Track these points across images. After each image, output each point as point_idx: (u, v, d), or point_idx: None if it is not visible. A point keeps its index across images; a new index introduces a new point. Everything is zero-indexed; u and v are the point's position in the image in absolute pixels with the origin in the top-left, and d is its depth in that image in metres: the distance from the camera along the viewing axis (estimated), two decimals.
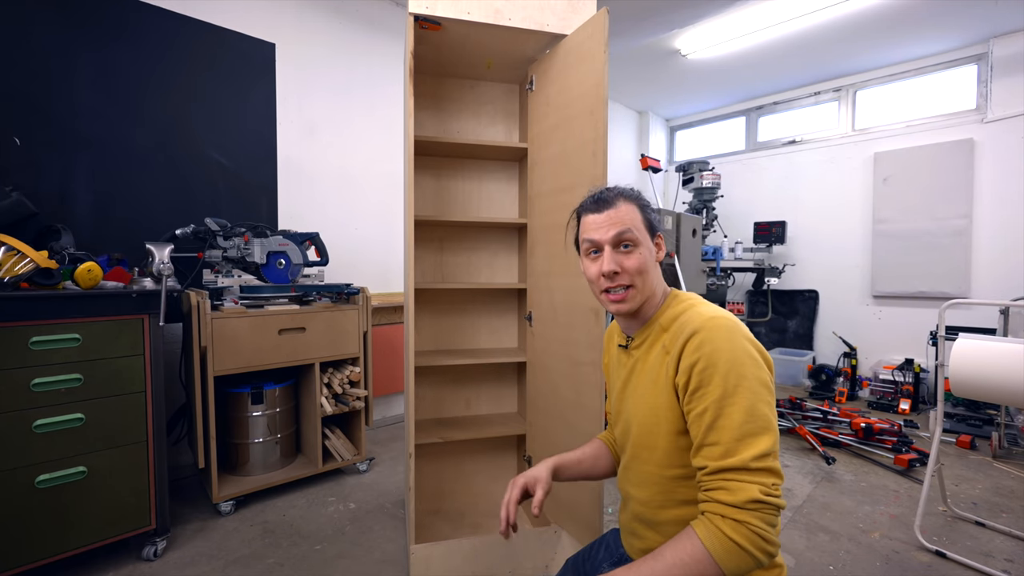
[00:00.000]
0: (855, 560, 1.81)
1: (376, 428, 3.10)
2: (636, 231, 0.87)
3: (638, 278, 0.86)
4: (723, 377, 0.73)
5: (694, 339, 0.77)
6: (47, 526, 1.51)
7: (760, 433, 0.71)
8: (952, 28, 3.49)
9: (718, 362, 0.74)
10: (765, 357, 0.78)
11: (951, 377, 1.81)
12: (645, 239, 0.88)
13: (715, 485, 0.71)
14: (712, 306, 0.84)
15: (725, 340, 0.75)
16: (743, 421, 0.71)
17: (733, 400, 0.72)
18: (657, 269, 0.91)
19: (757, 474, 0.70)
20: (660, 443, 0.83)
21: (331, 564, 1.73)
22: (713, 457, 0.72)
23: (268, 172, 2.72)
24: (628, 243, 0.86)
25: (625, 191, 0.91)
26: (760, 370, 0.75)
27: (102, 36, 2.17)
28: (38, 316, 1.48)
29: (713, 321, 0.78)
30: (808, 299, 4.57)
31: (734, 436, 0.71)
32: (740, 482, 0.69)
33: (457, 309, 2.06)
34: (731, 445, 0.71)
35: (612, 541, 1.04)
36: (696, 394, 0.75)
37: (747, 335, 0.78)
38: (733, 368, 0.73)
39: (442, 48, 1.73)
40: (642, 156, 4.11)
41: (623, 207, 0.88)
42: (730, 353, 0.74)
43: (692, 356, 0.76)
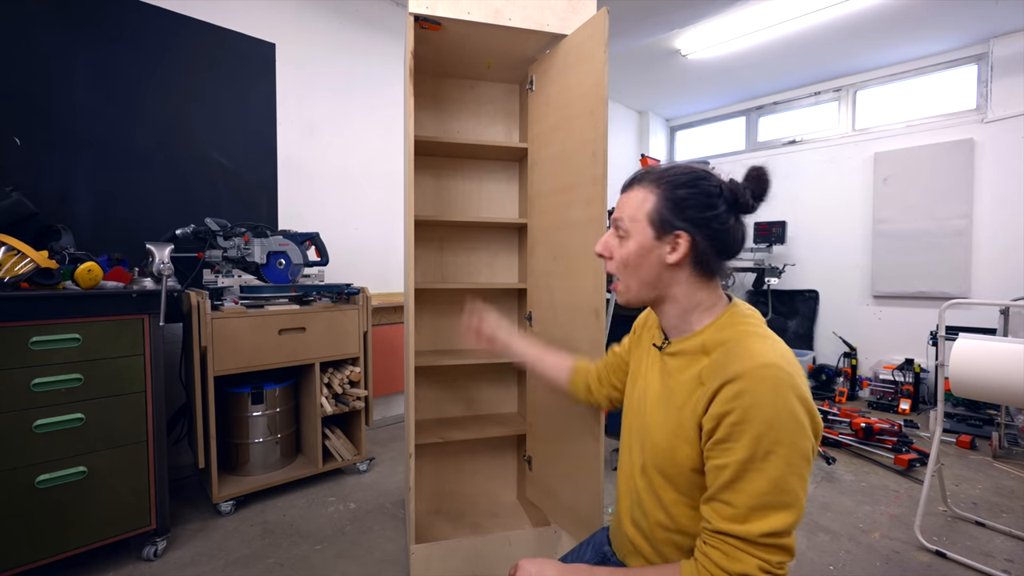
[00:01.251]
0: (855, 560, 1.81)
1: (376, 428, 3.10)
2: (629, 221, 0.79)
3: (622, 271, 0.81)
4: (755, 439, 0.64)
5: (733, 385, 0.66)
6: (47, 526, 1.51)
7: (781, 508, 0.63)
8: (952, 28, 3.49)
9: (754, 419, 0.64)
10: (815, 421, 0.67)
11: (951, 377, 1.81)
12: (640, 232, 0.78)
13: (715, 543, 0.67)
14: (769, 341, 0.71)
15: (769, 396, 0.64)
16: (765, 492, 0.64)
17: (761, 467, 0.64)
18: (668, 273, 0.78)
19: (763, 549, 0.64)
20: (671, 470, 0.77)
21: (331, 564, 1.73)
22: (721, 516, 0.67)
23: (268, 172, 2.72)
24: (621, 231, 0.81)
25: (659, 173, 0.80)
26: (803, 438, 0.65)
27: (102, 36, 2.17)
28: (38, 316, 1.48)
29: (763, 371, 0.66)
30: (808, 299, 4.57)
31: (750, 504, 0.64)
32: (741, 551, 0.64)
33: (457, 309, 2.06)
34: (744, 512, 0.65)
35: (599, 540, 1.02)
36: (720, 446, 0.67)
37: (800, 391, 0.65)
38: (770, 432, 0.63)
39: (442, 48, 1.73)
40: (642, 156, 4.11)
41: (637, 192, 0.80)
42: (772, 413, 0.64)
43: (727, 404, 0.66)
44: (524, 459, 1.88)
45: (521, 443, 1.98)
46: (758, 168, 0.77)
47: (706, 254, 0.77)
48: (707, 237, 0.76)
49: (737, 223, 0.78)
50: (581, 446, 1.46)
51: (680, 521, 0.78)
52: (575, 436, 1.49)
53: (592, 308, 1.40)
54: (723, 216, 0.76)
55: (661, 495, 0.79)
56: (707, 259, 0.77)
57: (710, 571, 0.66)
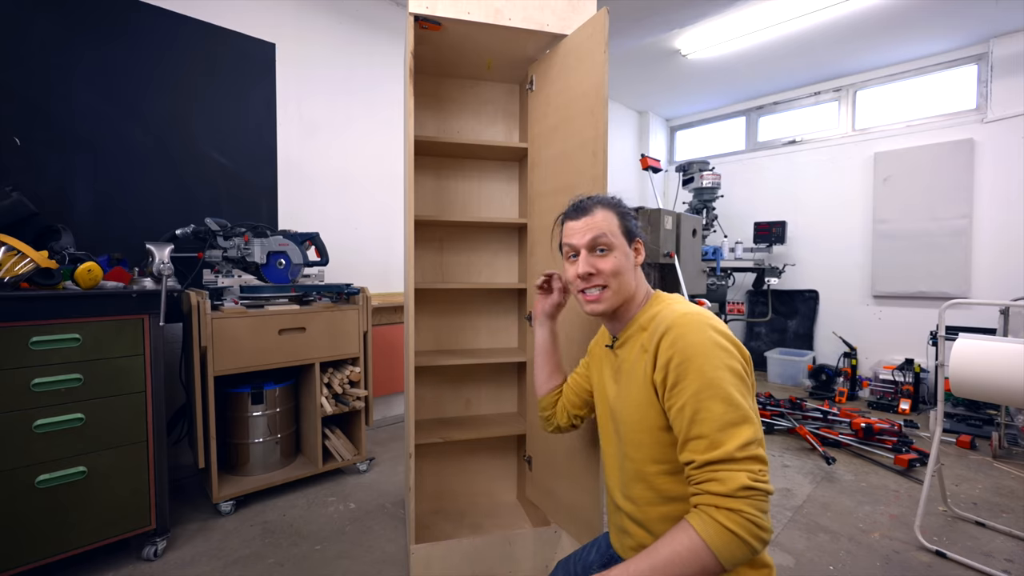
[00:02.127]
0: (855, 560, 1.81)
1: (376, 428, 3.10)
2: (611, 236, 0.93)
3: (612, 279, 0.92)
4: (698, 370, 0.76)
5: (668, 336, 0.81)
6: (47, 526, 1.51)
7: (741, 423, 0.73)
8: (952, 28, 3.49)
9: (692, 356, 0.77)
10: (738, 347, 0.80)
11: (951, 377, 1.81)
12: (621, 244, 0.94)
13: (705, 477, 0.73)
14: (686, 303, 0.89)
15: (696, 333, 0.78)
16: (723, 412, 0.73)
17: (711, 392, 0.74)
18: (635, 272, 0.96)
19: (744, 463, 0.71)
20: (646, 439, 0.86)
21: (331, 564, 1.73)
22: (699, 451, 0.74)
23: (268, 172, 2.72)
24: (603, 247, 0.93)
25: (604, 199, 0.97)
26: (732, 359, 0.78)
27: (102, 36, 2.17)
28: (38, 316, 1.48)
29: (685, 317, 0.81)
30: (808, 299, 4.57)
31: (716, 427, 0.73)
32: (729, 472, 0.71)
33: (457, 309, 2.06)
34: (715, 436, 0.73)
35: (604, 543, 1.05)
36: (675, 390, 0.78)
37: (718, 327, 0.80)
38: (707, 360, 0.76)
39: (442, 48, 1.73)
40: (642, 156, 4.10)
41: (599, 214, 0.94)
42: (702, 346, 0.77)
43: (667, 352, 0.80)
44: (524, 459, 1.88)
45: (521, 443, 1.98)
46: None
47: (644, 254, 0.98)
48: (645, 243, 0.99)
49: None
50: (581, 446, 1.46)
51: (665, 489, 0.85)
52: (575, 436, 1.49)
53: None
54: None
55: (643, 468, 0.87)
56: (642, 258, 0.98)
57: (713, 504, 0.71)
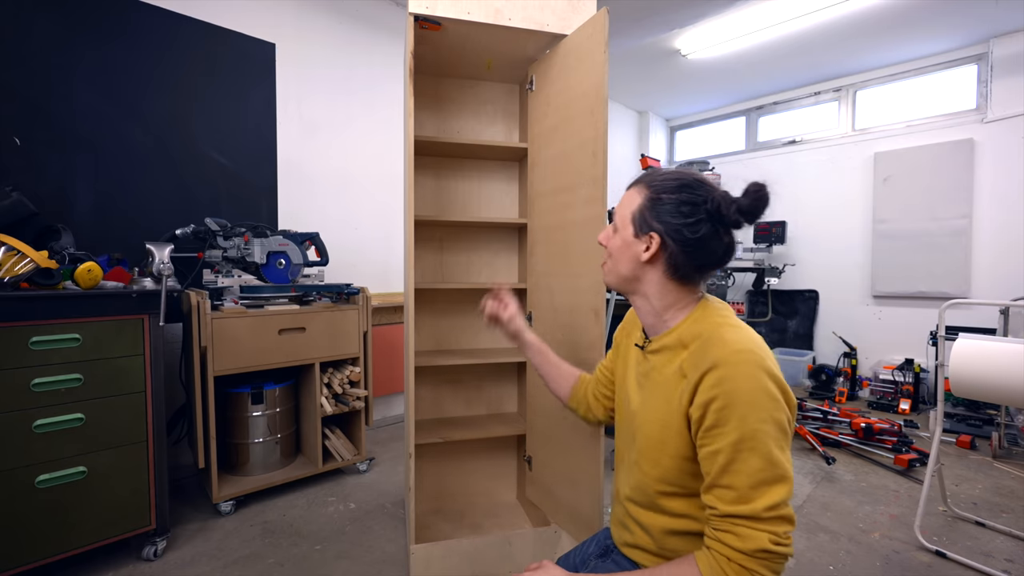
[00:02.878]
0: (855, 560, 1.81)
1: (376, 428, 3.10)
2: (619, 217, 0.87)
3: (610, 258, 0.90)
4: (741, 419, 0.69)
5: (714, 373, 0.72)
6: (47, 526, 1.51)
7: (776, 482, 0.68)
8: (952, 28, 3.49)
9: (736, 403, 0.70)
10: (787, 396, 0.73)
11: (951, 377, 1.81)
12: (624, 228, 0.85)
13: (725, 527, 0.70)
14: (740, 330, 0.77)
15: (747, 378, 0.70)
16: (759, 468, 0.68)
17: (751, 445, 0.69)
18: (642, 270, 0.84)
19: (769, 523, 0.67)
20: (664, 462, 0.81)
21: (331, 564, 1.73)
22: (726, 500, 0.70)
23: (268, 172, 2.72)
24: (615, 225, 0.89)
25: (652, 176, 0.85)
26: (780, 412, 0.71)
27: (102, 36, 2.17)
28: (38, 316, 1.48)
29: (737, 356, 0.72)
30: (808, 299, 4.57)
31: (749, 483, 0.68)
32: (751, 529, 0.68)
33: (457, 309, 2.06)
34: (745, 492, 0.69)
35: (603, 535, 1.05)
36: (711, 432, 0.72)
37: (771, 371, 0.72)
38: (752, 411, 0.69)
39: (442, 48, 1.73)
40: (642, 156, 4.11)
41: (632, 192, 0.87)
42: (750, 394, 0.70)
43: (710, 392, 0.72)
44: (524, 459, 1.88)
45: (521, 443, 1.98)
46: (758, 185, 0.76)
47: (677, 258, 0.81)
48: (678, 242, 0.80)
49: (715, 234, 0.80)
50: (581, 446, 1.46)
51: (672, 507, 0.82)
52: (575, 436, 1.49)
53: (592, 308, 1.40)
54: (698, 225, 0.79)
55: (654, 486, 0.83)
56: (679, 264, 0.81)
57: (726, 555, 0.69)
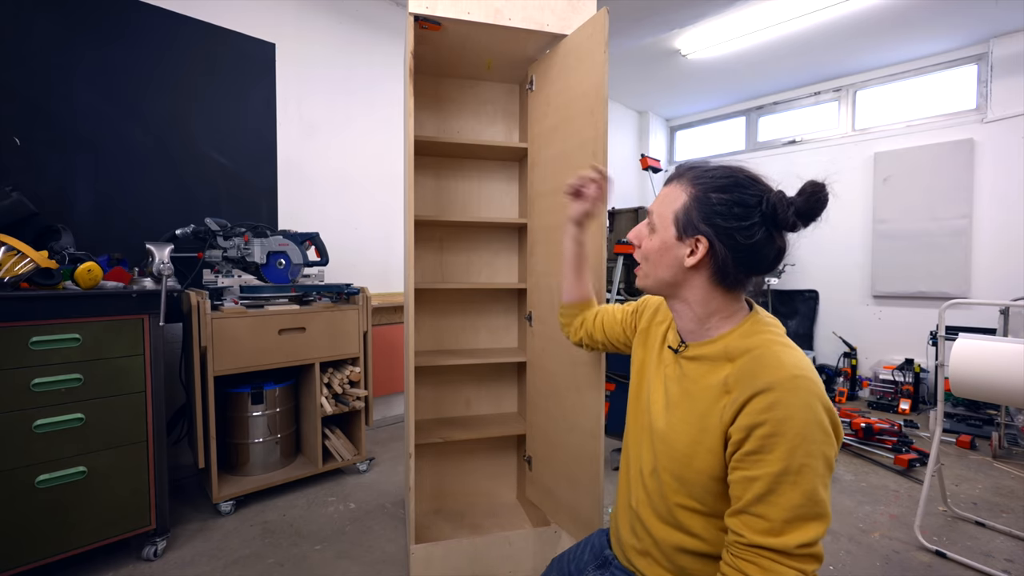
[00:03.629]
0: (855, 560, 1.81)
1: (376, 428, 3.10)
2: (658, 217, 0.79)
3: (644, 262, 0.83)
4: (789, 452, 0.64)
5: (766, 396, 0.66)
6: (47, 526, 1.51)
7: (813, 519, 0.64)
8: (952, 28, 3.49)
9: (786, 433, 0.64)
10: (837, 429, 0.68)
11: (951, 377, 1.81)
12: (665, 230, 0.78)
13: (748, 558, 0.65)
14: (794, 351, 0.71)
15: (802, 408, 0.64)
16: (799, 504, 0.63)
17: (795, 480, 0.63)
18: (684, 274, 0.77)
19: (799, 560, 0.63)
20: (689, 477, 0.75)
21: (331, 564, 1.73)
22: (755, 530, 0.65)
23: (268, 172, 2.72)
24: (651, 225, 0.82)
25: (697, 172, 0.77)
26: (830, 448, 0.66)
27: (102, 36, 2.17)
28: (38, 316, 1.48)
29: (794, 381, 0.66)
30: (808, 299, 4.57)
31: (784, 517, 0.64)
32: (778, 564, 0.64)
33: (457, 309, 2.06)
34: (779, 525, 0.64)
35: (598, 542, 1.00)
36: (751, 458, 0.66)
37: (827, 403, 0.66)
38: (803, 444, 0.63)
39: (442, 48, 1.73)
40: (642, 156, 4.10)
41: (673, 188, 0.79)
42: (803, 426, 0.64)
43: (758, 416, 0.66)
44: (524, 459, 1.88)
45: (521, 443, 1.98)
46: (816, 184, 0.70)
47: (726, 264, 0.74)
48: (729, 247, 0.73)
49: (769, 239, 0.73)
50: (581, 446, 1.46)
51: (688, 525, 0.77)
52: (575, 436, 1.49)
53: None
54: (752, 229, 0.72)
55: (671, 498, 0.78)
56: (727, 270, 0.74)
57: None
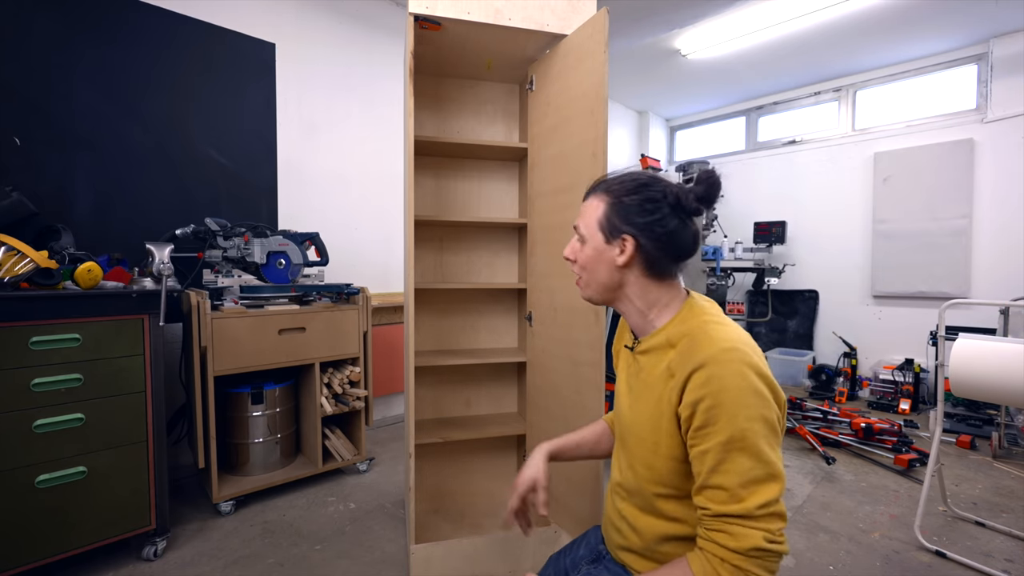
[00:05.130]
0: (855, 560, 1.81)
1: (376, 428, 3.10)
2: (584, 228, 0.87)
3: (582, 272, 0.90)
4: (730, 418, 0.69)
5: (701, 372, 0.72)
6: (47, 526, 1.51)
7: (767, 480, 0.68)
8: (952, 28, 3.49)
9: (724, 402, 0.69)
10: (776, 394, 0.73)
11: (951, 377, 1.81)
12: (593, 237, 0.86)
13: (717, 527, 0.70)
14: (727, 327, 0.77)
15: (733, 376, 0.70)
16: (750, 467, 0.68)
17: (740, 445, 0.68)
18: (619, 274, 0.84)
19: (763, 520, 0.67)
20: (657, 464, 0.80)
21: (331, 564, 1.73)
22: (717, 501, 0.70)
23: (268, 172, 2.72)
24: (580, 236, 0.89)
25: (608, 184, 0.87)
26: (768, 410, 0.71)
27: (102, 36, 2.17)
28: (38, 316, 1.48)
29: (723, 354, 0.72)
30: (808, 299, 4.57)
31: (739, 482, 0.68)
32: (744, 528, 0.67)
33: (457, 309, 2.06)
34: (737, 491, 0.68)
35: (593, 538, 1.03)
36: (700, 432, 0.71)
37: (759, 369, 0.72)
38: (741, 410, 0.69)
39: (442, 48, 1.73)
40: (642, 156, 4.11)
41: (589, 202, 0.88)
42: (738, 393, 0.69)
43: (698, 391, 0.71)
44: (524, 459, 1.88)
45: (521, 443, 1.99)
46: (708, 171, 0.81)
47: (653, 255, 0.82)
48: (652, 239, 0.81)
49: (683, 225, 0.82)
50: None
51: (666, 510, 0.81)
52: None
53: (592, 308, 1.40)
54: (666, 219, 0.81)
55: (648, 488, 0.83)
56: (655, 260, 0.82)
57: (719, 555, 0.69)
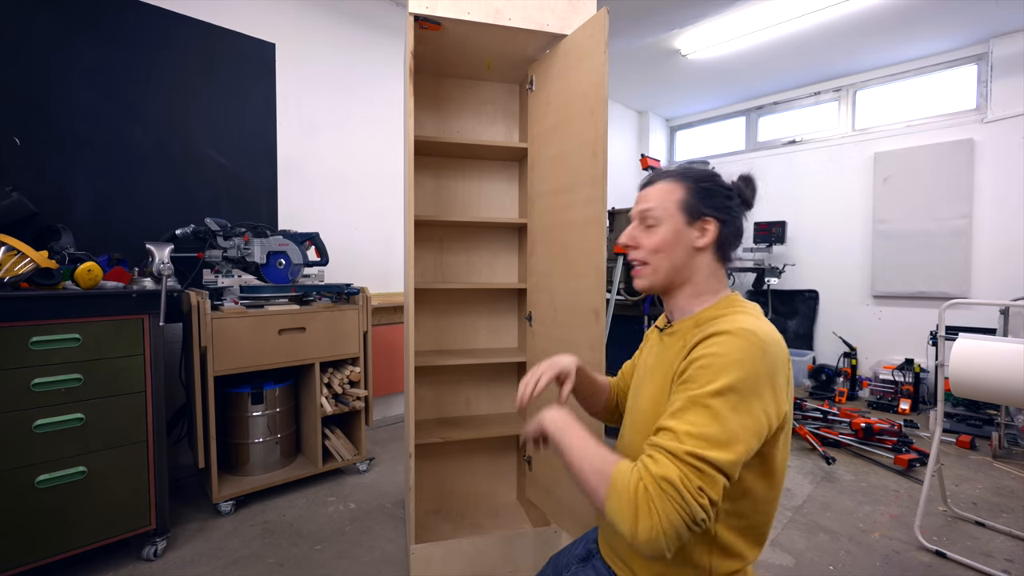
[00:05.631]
0: (855, 560, 1.81)
1: (376, 428, 3.10)
2: (660, 210, 0.86)
3: (653, 256, 0.86)
4: (711, 379, 0.68)
5: (713, 339, 0.72)
6: (47, 526, 1.51)
7: (714, 443, 0.65)
8: (952, 28, 3.49)
9: (714, 364, 0.69)
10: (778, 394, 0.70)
11: (951, 377, 1.81)
12: (672, 219, 0.84)
13: (648, 453, 0.68)
14: (760, 321, 0.76)
15: (742, 351, 0.69)
16: (704, 424, 0.66)
17: (706, 402, 0.67)
18: (691, 256, 0.85)
19: (687, 466, 0.64)
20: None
21: (331, 564, 1.73)
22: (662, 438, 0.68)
23: (268, 172, 2.72)
24: (651, 220, 0.87)
25: (681, 171, 0.88)
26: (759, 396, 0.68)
27: (102, 36, 2.17)
28: (38, 316, 1.48)
29: (740, 332, 0.70)
30: (808, 299, 4.57)
31: (687, 430, 0.66)
32: (666, 459, 0.65)
33: (457, 309, 2.06)
34: (680, 435, 0.66)
35: (592, 536, 1.02)
36: (681, 384, 0.71)
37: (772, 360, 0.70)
38: (724, 375, 0.67)
39: (442, 48, 1.73)
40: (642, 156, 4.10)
41: (660, 187, 0.88)
42: (739, 366, 0.68)
43: (698, 352, 0.72)
44: (524, 459, 1.88)
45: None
46: (747, 175, 0.90)
47: (726, 239, 0.86)
48: (727, 224, 0.86)
49: (742, 216, 0.89)
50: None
51: None
52: None
53: (592, 308, 1.40)
54: (736, 209, 0.87)
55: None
56: (726, 244, 0.86)
57: (639, 474, 0.66)
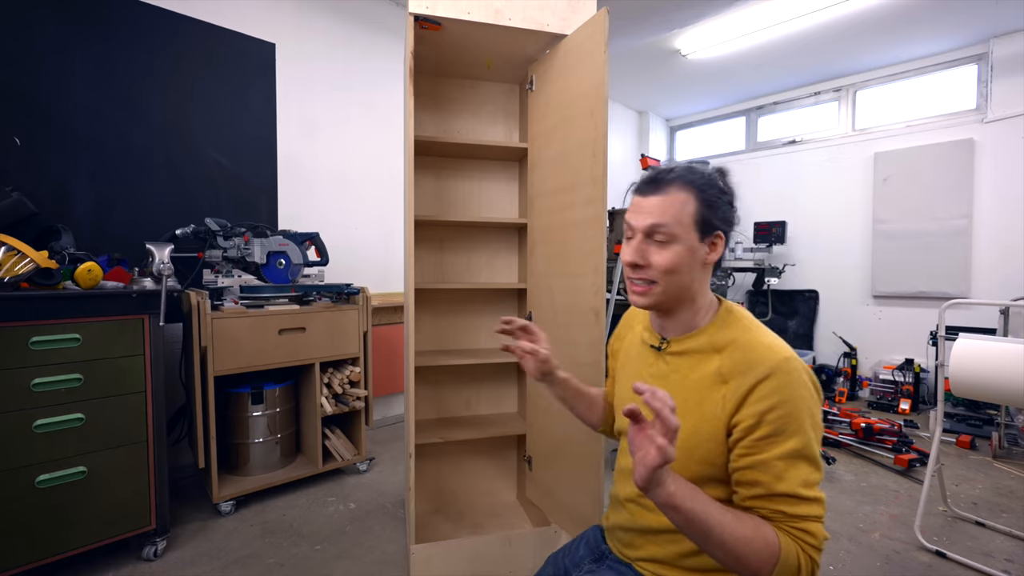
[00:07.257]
0: (855, 560, 1.81)
1: (376, 428, 3.10)
2: (676, 226, 0.76)
3: (664, 277, 0.78)
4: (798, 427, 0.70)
5: (768, 383, 0.71)
6: (47, 526, 1.51)
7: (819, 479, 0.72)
8: (952, 28, 3.49)
9: (794, 412, 0.70)
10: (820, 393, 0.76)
11: (951, 377, 1.81)
12: (687, 236, 0.77)
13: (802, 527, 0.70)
14: (771, 336, 0.78)
15: (800, 387, 0.72)
16: (810, 471, 0.71)
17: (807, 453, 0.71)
18: (700, 272, 0.80)
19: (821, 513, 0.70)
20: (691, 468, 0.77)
21: (331, 564, 1.73)
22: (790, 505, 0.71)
23: (268, 172, 2.72)
24: (663, 237, 0.77)
25: (687, 175, 0.79)
26: (818, 409, 0.74)
27: (102, 36, 2.17)
28: (38, 316, 1.48)
29: (787, 363, 0.72)
30: (808, 299, 4.57)
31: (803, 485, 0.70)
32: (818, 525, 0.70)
33: (457, 309, 2.06)
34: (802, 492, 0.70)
35: (592, 538, 1.00)
36: (765, 440, 0.71)
37: (812, 376, 0.75)
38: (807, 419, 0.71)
39: (442, 48, 1.73)
40: (642, 156, 4.10)
41: (674, 195, 0.77)
42: (805, 403, 0.71)
43: (766, 401, 0.71)
44: (524, 459, 1.88)
45: (521, 443, 1.98)
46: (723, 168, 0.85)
47: (723, 253, 0.81)
48: (727, 236, 0.81)
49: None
50: (581, 446, 1.46)
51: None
52: (575, 436, 1.49)
53: (592, 308, 1.40)
54: (735, 215, 0.82)
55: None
56: (722, 257, 0.81)
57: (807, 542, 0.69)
